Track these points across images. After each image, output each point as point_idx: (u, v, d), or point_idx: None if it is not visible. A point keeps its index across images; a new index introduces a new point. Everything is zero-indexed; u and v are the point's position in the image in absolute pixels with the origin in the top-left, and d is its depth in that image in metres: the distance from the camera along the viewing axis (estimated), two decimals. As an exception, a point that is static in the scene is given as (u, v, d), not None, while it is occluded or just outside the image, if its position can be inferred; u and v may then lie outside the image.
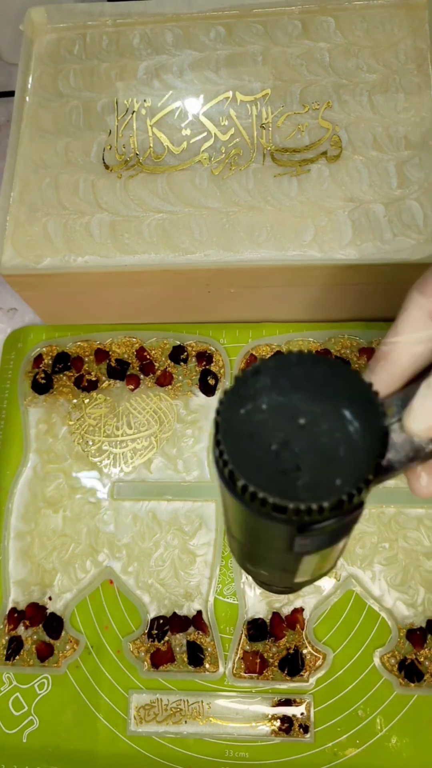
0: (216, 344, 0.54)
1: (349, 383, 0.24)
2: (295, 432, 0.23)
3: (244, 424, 0.23)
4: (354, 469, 0.22)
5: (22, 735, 0.46)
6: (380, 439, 0.23)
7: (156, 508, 0.50)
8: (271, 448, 0.22)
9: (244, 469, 0.22)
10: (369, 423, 0.23)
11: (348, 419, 0.23)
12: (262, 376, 0.23)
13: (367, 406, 0.23)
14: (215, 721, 0.45)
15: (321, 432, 0.23)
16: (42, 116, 0.52)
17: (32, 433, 0.53)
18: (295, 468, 0.22)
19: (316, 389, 0.23)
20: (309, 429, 0.23)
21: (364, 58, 0.50)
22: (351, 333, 0.53)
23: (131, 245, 0.48)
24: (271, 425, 0.23)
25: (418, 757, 0.43)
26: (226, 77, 0.51)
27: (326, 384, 0.23)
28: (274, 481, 0.22)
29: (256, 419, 0.23)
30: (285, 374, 0.24)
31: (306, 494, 0.22)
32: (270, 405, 0.23)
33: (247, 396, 0.23)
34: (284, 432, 0.23)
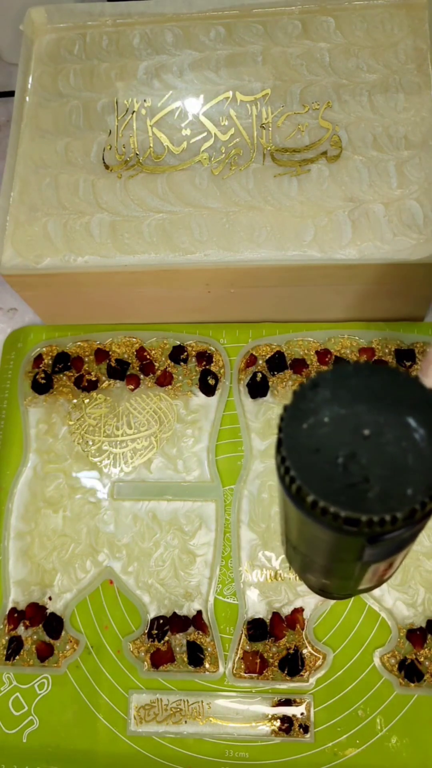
0: (216, 344, 0.54)
1: (409, 390, 0.23)
2: (360, 443, 0.22)
3: (307, 438, 0.23)
4: (424, 477, 0.22)
5: (22, 735, 0.46)
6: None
7: (156, 508, 0.50)
8: (338, 461, 0.22)
9: (312, 485, 0.22)
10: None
11: (413, 427, 0.22)
12: (321, 389, 0.23)
13: (430, 412, 0.23)
14: (215, 721, 0.45)
15: (387, 442, 0.22)
16: (42, 116, 0.52)
17: (32, 433, 0.53)
18: (364, 480, 0.22)
19: (377, 399, 0.23)
20: (374, 439, 0.22)
21: (364, 58, 0.50)
22: (351, 333, 0.53)
23: (131, 245, 0.48)
24: (336, 438, 0.22)
25: (418, 757, 0.43)
26: (226, 77, 0.51)
27: (387, 393, 0.23)
28: (344, 495, 0.21)
29: (320, 433, 0.23)
30: (344, 386, 0.23)
31: (378, 506, 0.21)
32: (332, 417, 0.23)
33: (308, 410, 0.23)
34: (349, 444, 0.22)
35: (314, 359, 0.52)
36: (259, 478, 0.50)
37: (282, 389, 0.52)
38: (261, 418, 0.52)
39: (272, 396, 0.52)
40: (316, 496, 0.21)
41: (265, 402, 0.52)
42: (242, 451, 0.51)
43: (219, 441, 0.52)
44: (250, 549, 0.48)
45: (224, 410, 0.52)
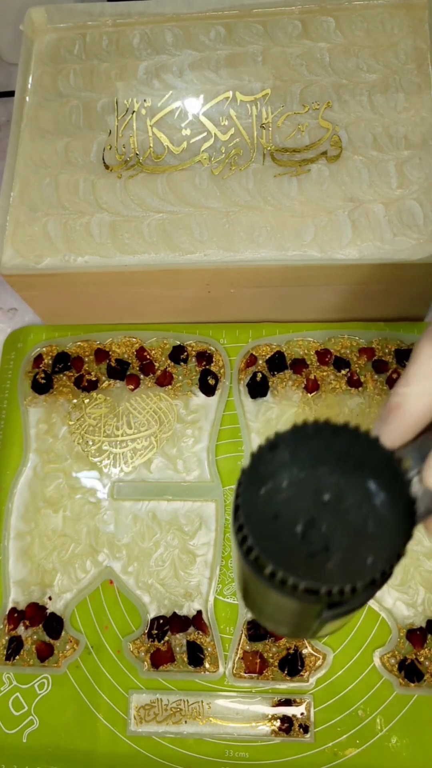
0: (216, 344, 0.54)
1: (370, 452, 0.23)
2: (320, 509, 0.22)
3: (266, 504, 0.22)
4: (385, 545, 0.21)
5: (22, 735, 0.46)
6: (408, 511, 0.22)
7: (156, 508, 0.50)
8: (297, 529, 0.22)
9: (271, 555, 0.21)
10: (395, 494, 0.22)
11: (373, 491, 0.22)
12: (280, 451, 0.23)
13: (391, 476, 0.22)
14: (215, 721, 0.45)
15: (347, 507, 0.22)
16: (42, 116, 0.52)
17: (32, 433, 0.53)
18: (324, 549, 0.21)
19: (337, 461, 0.22)
20: (334, 505, 0.22)
21: (364, 58, 0.50)
22: (351, 333, 0.53)
23: (131, 245, 0.48)
24: (295, 504, 0.22)
25: (418, 757, 0.43)
26: (226, 77, 0.51)
27: (347, 454, 0.23)
28: (304, 565, 0.21)
29: (278, 498, 0.22)
30: (304, 447, 0.23)
31: (337, 576, 0.21)
32: (291, 481, 0.22)
33: (266, 473, 0.22)
34: (309, 510, 0.22)
35: (314, 359, 0.52)
36: (259, 478, 0.50)
37: (282, 389, 0.52)
38: (261, 418, 0.52)
39: (272, 396, 0.52)
40: (274, 566, 0.21)
41: (265, 402, 0.52)
42: (242, 451, 0.51)
43: (219, 441, 0.52)
44: (250, 549, 0.48)
45: (224, 410, 0.52)
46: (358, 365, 0.52)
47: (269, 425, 0.51)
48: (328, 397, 0.51)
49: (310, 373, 0.52)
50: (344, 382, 0.52)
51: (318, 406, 0.51)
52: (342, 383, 0.52)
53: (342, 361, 0.52)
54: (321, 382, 0.52)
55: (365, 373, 0.52)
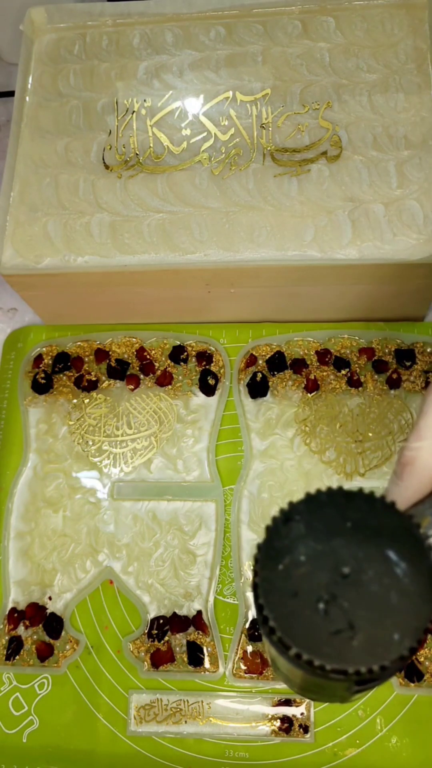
0: (216, 344, 0.54)
1: (386, 518, 0.22)
2: (340, 584, 0.21)
3: (285, 581, 0.21)
4: (410, 618, 0.21)
5: (22, 735, 0.46)
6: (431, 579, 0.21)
7: (156, 508, 0.50)
8: (319, 606, 0.21)
9: (294, 636, 0.21)
10: (416, 562, 0.22)
11: (394, 561, 0.21)
12: (295, 523, 0.22)
13: (411, 542, 0.22)
14: (215, 721, 0.45)
15: (368, 580, 0.21)
16: (42, 116, 0.52)
17: (32, 433, 0.53)
18: (348, 626, 0.21)
19: (354, 530, 0.22)
20: (355, 578, 0.21)
21: (364, 58, 0.50)
22: (351, 333, 0.53)
23: (131, 245, 0.48)
24: (314, 579, 0.21)
25: (418, 757, 0.43)
26: (226, 77, 0.51)
27: (364, 522, 0.22)
28: (328, 645, 0.20)
29: (297, 573, 0.21)
30: (318, 517, 0.22)
31: (364, 655, 0.20)
32: (309, 555, 0.22)
33: (283, 548, 0.22)
34: (329, 585, 0.21)
35: (314, 359, 0.52)
36: (259, 478, 0.50)
37: (282, 389, 0.52)
38: (261, 418, 0.52)
39: (272, 396, 0.52)
40: (299, 648, 0.20)
41: (265, 402, 0.52)
42: (242, 451, 0.51)
43: (219, 441, 0.52)
44: (250, 549, 0.48)
45: (224, 410, 0.52)
46: (358, 365, 0.52)
47: (269, 425, 0.51)
48: (328, 397, 0.51)
49: (310, 373, 0.52)
50: (344, 382, 0.52)
51: (318, 406, 0.51)
52: (342, 383, 0.52)
53: (342, 361, 0.52)
54: (321, 382, 0.52)
55: (365, 373, 0.52)
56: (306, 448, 0.50)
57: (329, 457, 0.50)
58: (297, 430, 0.51)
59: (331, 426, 0.50)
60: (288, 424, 0.51)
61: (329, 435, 0.50)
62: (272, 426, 0.51)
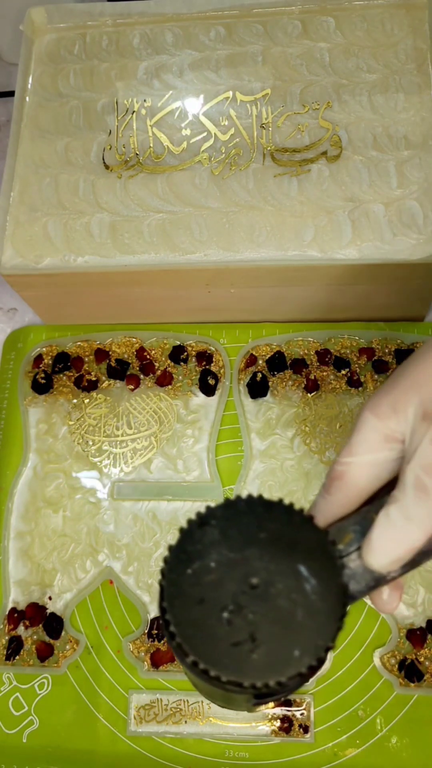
0: (216, 344, 0.54)
1: (304, 532, 0.22)
2: (248, 594, 0.21)
3: (192, 586, 0.21)
4: (313, 636, 0.21)
5: (22, 735, 0.46)
6: (340, 599, 0.21)
7: (156, 508, 0.50)
8: (223, 615, 0.21)
9: (193, 643, 0.20)
10: (327, 579, 0.21)
11: (305, 576, 0.21)
12: (210, 528, 0.22)
13: (324, 560, 0.22)
14: (215, 721, 0.45)
15: (276, 593, 0.21)
16: (42, 116, 0.52)
17: (32, 433, 0.53)
18: (250, 638, 0.20)
19: (269, 542, 0.22)
20: (263, 590, 0.21)
21: (364, 58, 0.50)
22: (351, 333, 0.53)
23: (131, 245, 0.48)
24: (222, 587, 0.21)
25: (418, 757, 0.43)
26: (226, 77, 0.51)
27: (280, 534, 0.22)
28: (227, 656, 0.20)
29: (206, 580, 0.21)
30: (235, 525, 0.22)
31: (262, 669, 0.20)
32: (220, 562, 0.21)
33: (194, 552, 0.22)
34: (236, 595, 0.21)
35: (314, 359, 0.52)
36: (259, 478, 0.50)
37: (282, 389, 0.52)
38: (261, 418, 0.52)
39: (272, 396, 0.52)
40: (195, 656, 0.20)
41: (265, 402, 0.52)
42: (242, 451, 0.51)
43: (219, 441, 0.52)
44: (250, 549, 0.48)
45: (224, 410, 0.52)
46: (358, 365, 0.52)
47: (269, 425, 0.51)
48: (328, 397, 0.51)
49: (310, 373, 0.52)
50: (344, 382, 0.52)
51: (318, 406, 0.51)
52: (342, 383, 0.52)
53: (342, 361, 0.52)
54: (321, 382, 0.52)
55: (365, 373, 0.52)
56: (306, 448, 0.50)
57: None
58: (297, 430, 0.51)
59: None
60: (288, 424, 0.51)
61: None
62: (272, 426, 0.51)
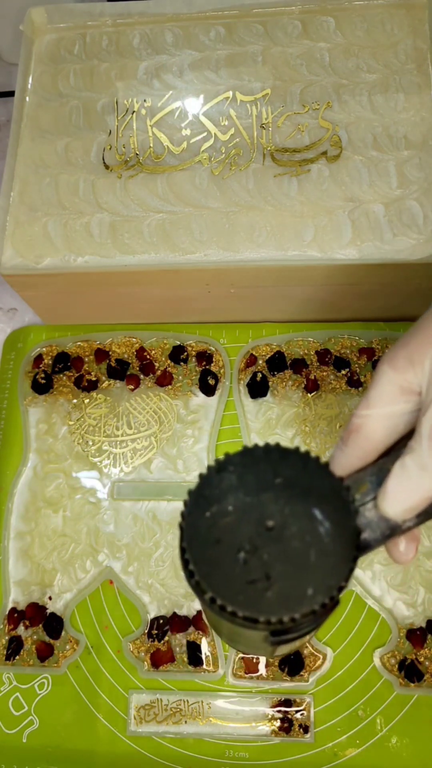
0: (216, 344, 0.54)
1: (318, 479, 0.23)
2: (263, 536, 0.22)
3: (210, 528, 0.22)
4: (326, 576, 0.21)
5: (22, 735, 0.46)
6: (353, 542, 0.22)
7: (156, 508, 0.50)
8: (239, 555, 0.22)
9: (211, 581, 0.21)
10: (341, 523, 0.22)
11: (318, 519, 0.22)
12: (228, 474, 0.23)
13: (338, 504, 0.22)
14: (215, 721, 0.45)
15: (291, 535, 0.22)
16: (42, 116, 0.52)
17: (32, 433, 0.53)
18: (265, 577, 0.21)
19: (284, 487, 0.22)
20: (278, 532, 0.22)
21: (364, 58, 0.50)
22: (351, 333, 0.53)
23: (131, 245, 0.48)
24: (239, 529, 0.22)
25: (418, 757, 0.43)
26: (226, 77, 0.51)
27: (295, 480, 0.22)
28: (243, 593, 0.21)
29: (223, 523, 0.22)
30: (252, 471, 0.23)
31: (276, 606, 0.21)
32: (236, 506, 0.22)
33: (212, 496, 0.22)
34: (252, 536, 0.22)
35: (314, 359, 0.52)
36: (259, 478, 0.50)
37: (282, 389, 0.52)
38: (261, 418, 0.52)
39: (272, 396, 0.52)
40: (213, 593, 0.21)
41: (265, 402, 0.52)
42: (242, 451, 0.51)
43: (219, 441, 0.52)
44: (250, 549, 0.48)
45: (224, 410, 0.52)
46: (358, 365, 0.52)
47: (269, 425, 0.51)
48: (328, 397, 0.51)
49: (310, 373, 0.52)
50: (344, 382, 0.52)
51: (318, 406, 0.51)
52: (342, 383, 0.52)
53: (342, 361, 0.52)
54: (321, 382, 0.52)
55: (365, 373, 0.52)
56: (306, 448, 0.50)
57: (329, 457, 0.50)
58: (297, 430, 0.51)
59: (331, 426, 0.50)
60: (288, 424, 0.51)
61: (329, 435, 0.50)
62: (272, 426, 0.51)
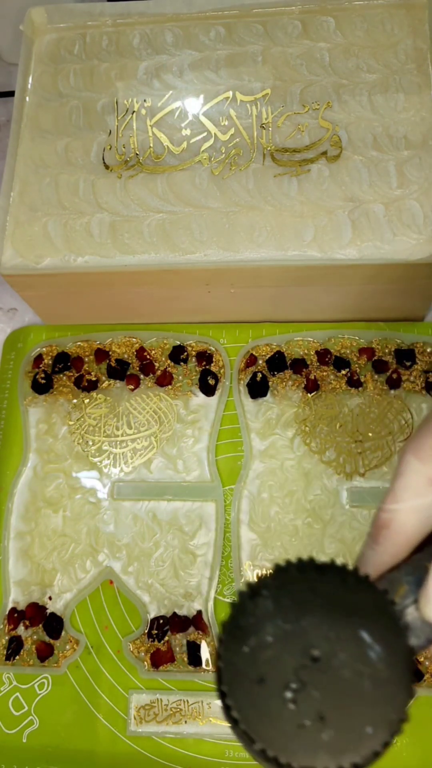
0: (216, 344, 0.54)
1: (360, 594, 0.21)
2: (310, 668, 0.20)
3: (250, 665, 0.20)
4: (385, 709, 0.19)
5: (22, 735, 0.46)
6: (408, 665, 0.20)
7: (156, 508, 0.50)
8: (286, 694, 0.19)
9: (259, 729, 0.19)
10: (392, 644, 0.20)
11: (368, 643, 0.20)
12: (263, 600, 0.21)
13: (385, 622, 0.20)
14: (215, 721, 0.45)
15: (340, 664, 0.20)
16: (42, 116, 0.52)
17: (32, 433, 0.53)
18: (318, 718, 0.19)
19: (325, 608, 0.20)
20: (325, 662, 0.20)
21: (364, 58, 0.50)
22: (351, 333, 0.53)
23: (131, 245, 0.48)
24: (282, 663, 0.20)
25: (418, 757, 0.43)
26: (226, 77, 0.51)
27: (336, 598, 0.20)
28: (296, 740, 0.19)
29: (263, 657, 0.20)
30: (288, 593, 0.21)
31: (334, 751, 0.19)
32: (276, 636, 0.20)
33: (249, 627, 0.20)
34: (298, 670, 0.20)
35: (314, 359, 0.52)
36: (259, 478, 0.50)
37: (282, 389, 0.52)
38: (261, 418, 0.52)
39: (272, 396, 0.52)
40: (264, 744, 0.19)
41: (265, 402, 0.52)
42: (242, 451, 0.51)
43: (219, 441, 0.52)
44: (250, 549, 0.48)
45: (224, 410, 0.52)
46: (358, 365, 0.52)
47: (269, 425, 0.51)
48: (328, 397, 0.51)
49: (310, 373, 0.52)
50: (344, 382, 0.52)
51: (318, 406, 0.51)
52: (342, 383, 0.52)
53: (342, 361, 0.52)
54: (321, 382, 0.52)
55: (365, 373, 0.52)
56: (306, 448, 0.50)
57: (329, 457, 0.50)
58: (297, 430, 0.51)
59: (331, 426, 0.50)
60: (288, 424, 0.51)
61: (329, 435, 0.50)
62: (272, 426, 0.51)
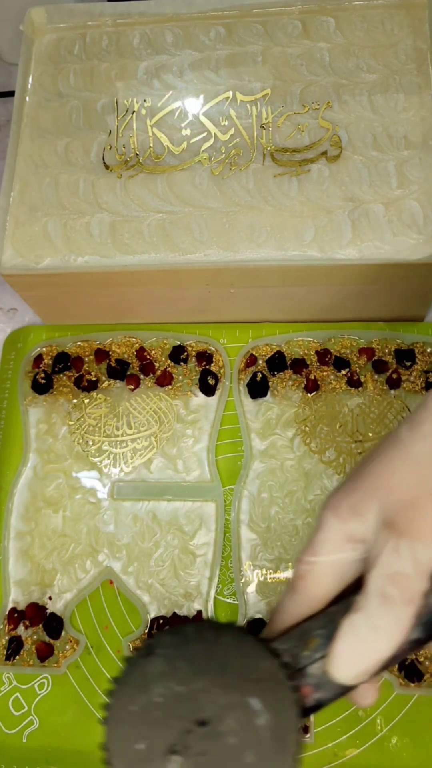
0: (216, 344, 0.54)
1: (257, 658, 0.21)
2: (196, 733, 0.19)
3: (136, 725, 0.20)
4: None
5: (22, 735, 0.46)
6: (295, 737, 0.20)
7: (156, 508, 0.50)
8: (171, 757, 0.19)
9: None
10: (281, 714, 0.20)
11: (256, 710, 0.20)
12: (156, 659, 0.20)
13: (278, 691, 0.20)
14: (215, 721, 0.45)
15: (226, 730, 0.19)
16: (42, 116, 0.52)
17: (32, 433, 0.53)
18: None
19: (218, 672, 0.20)
20: (213, 727, 0.20)
21: (364, 58, 0.50)
22: (351, 333, 0.53)
23: (131, 245, 0.48)
24: (169, 725, 0.20)
25: (418, 757, 0.43)
26: (226, 77, 0.51)
27: (230, 663, 0.20)
28: None
29: (150, 718, 0.20)
30: (182, 654, 0.20)
31: None
32: (166, 697, 0.20)
33: (139, 686, 0.20)
34: (183, 734, 0.19)
35: (314, 359, 0.52)
36: (259, 478, 0.50)
37: (282, 389, 0.52)
38: (261, 418, 0.52)
39: (272, 396, 0.52)
40: None
41: (265, 402, 0.52)
42: (242, 451, 0.51)
43: (219, 441, 0.52)
44: (250, 549, 0.48)
45: (224, 410, 0.52)
46: (358, 365, 0.52)
47: (269, 425, 0.51)
48: (328, 397, 0.51)
49: (310, 373, 0.52)
50: (344, 382, 0.52)
51: (318, 406, 0.51)
52: (342, 383, 0.52)
53: (342, 361, 0.52)
54: (321, 382, 0.52)
55: (365, 373, 0.52)
56: (306, 448, 0.50)
57: (329, 457, 0.50)
58: (297, 430, 0.51)
59: (331, 426, 0.50)
60: (288, 424, 0.51)
61: (329, 435, 0.50)
62: (272, 426, 0.51)
